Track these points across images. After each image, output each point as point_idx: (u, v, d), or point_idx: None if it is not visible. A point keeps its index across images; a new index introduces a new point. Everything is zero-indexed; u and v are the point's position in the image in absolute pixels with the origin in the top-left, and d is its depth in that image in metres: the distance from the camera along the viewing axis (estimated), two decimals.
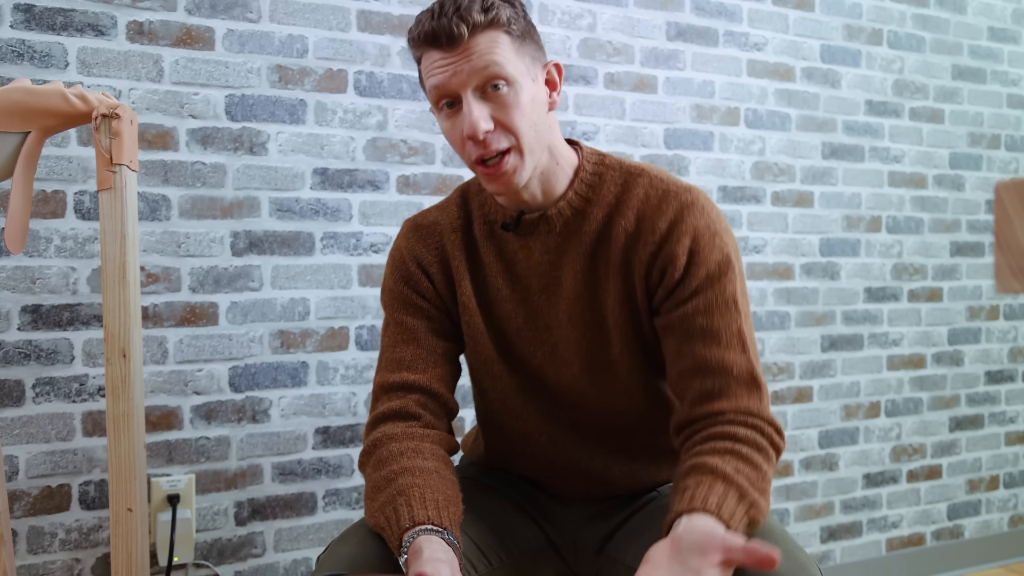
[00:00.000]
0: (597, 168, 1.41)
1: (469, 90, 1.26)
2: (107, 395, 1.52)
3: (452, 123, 1.30)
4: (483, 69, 1.25)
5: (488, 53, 1.25)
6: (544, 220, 1.38)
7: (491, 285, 1.44)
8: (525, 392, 1.46)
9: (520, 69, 1.28)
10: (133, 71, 1.98)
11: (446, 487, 1.27)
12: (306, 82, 2.14)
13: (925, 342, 2.96)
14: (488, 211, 1.44)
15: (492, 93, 1.26)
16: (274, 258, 2.11)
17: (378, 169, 2.21)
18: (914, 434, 2.94)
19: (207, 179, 2.04)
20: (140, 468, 1.54)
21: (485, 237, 1.44)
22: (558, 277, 1.40)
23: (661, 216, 1.34)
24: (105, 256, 1.50)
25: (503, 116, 1.27)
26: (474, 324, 1.45)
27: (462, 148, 1.30)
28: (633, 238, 1.35)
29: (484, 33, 1.26)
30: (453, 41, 1.24)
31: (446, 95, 1.28)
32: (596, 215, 1.38)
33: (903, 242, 2.91)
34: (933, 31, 2.96)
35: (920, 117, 2.94)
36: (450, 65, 1.25)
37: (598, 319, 1.39)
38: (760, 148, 2.68)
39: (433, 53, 1.27)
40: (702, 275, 1.31)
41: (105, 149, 1.50)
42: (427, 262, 1.46)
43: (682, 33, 2.58)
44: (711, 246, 1.32)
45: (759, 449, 1.24)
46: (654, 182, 1.37)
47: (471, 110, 1.25)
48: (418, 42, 1.28)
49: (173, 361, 2.03)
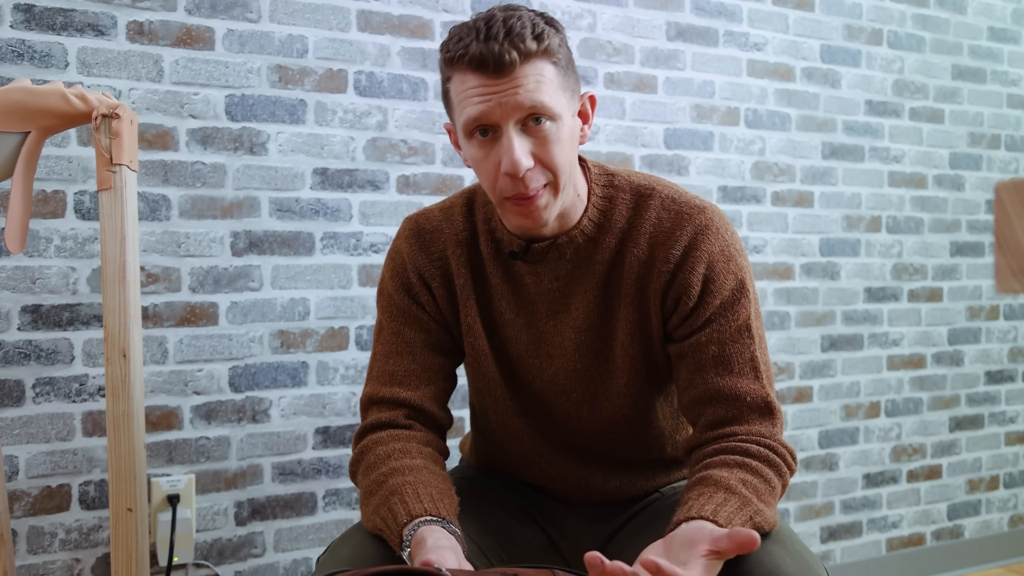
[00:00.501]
0: (607, 191, 1.36)
1: (511, 123, 1.19)
2: (107, 395, 1.52)
3: (485, 153, 1.22)
4: (529, 104, 1.17)
5: (536, 87, 1.18)
6: (555, 248, 1.34)
7: (495, 307, 1.41)
8: (525, 415, 1.45)
9: (562, 103, 1.22)
10: (133, 71, 1.98)
11: (438, 481, 1.26)
12: (306, 82, 2.14)
13: (925, 342, 2.96)
14: (494, 229, 1.39)
15: (533, 127, 1.20)
16: (274, 258, 2.11)
17: (378, 169, 2.21)
18: (914, 434, 2.94)
19: (207, 179, 2.04)
20: (140, 468, 1.54)
21: (492, 256, 1.39)
22: (567, 305, 1.37)
23: (675, 242, 1.30)
24: (105, 256, 1.50)
25: (543, 153, 1.21)
26: (479, 346, 1.42)
27: (494, 181, 1.23)
28: (646, 266, 1.32)
29: (532, 63, 1.18)
30: (502, 70, 1.16)
31: (483, 124, 1.20)
32: (608, 243, 1.34)
33: (903, 242, 2.91)
34: (933, 31, 2.96)
35: (920, 117, 2.94)
36: (493, 95, 1.17)
37: (606, 349, 1.37)
38: (760, 148, 2.68)
39: (473, 77, 1.18)
40: (716, 304, 1.29)
41: (105, 149, 1.50)
42: (429, 275, 1.41)
43: (682, 33, 2.58)
44: (726, 272, 1.29)
45: (770, 464, 1.23)
46: (665, 203, 1.33)
47: (513, 146, 1.18)
48: (457, 63, 1.20)
49: (173, 361, 2.03)
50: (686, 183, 2.57)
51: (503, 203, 1.25)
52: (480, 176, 1.26)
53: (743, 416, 1.27)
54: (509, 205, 1.25)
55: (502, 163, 1.20)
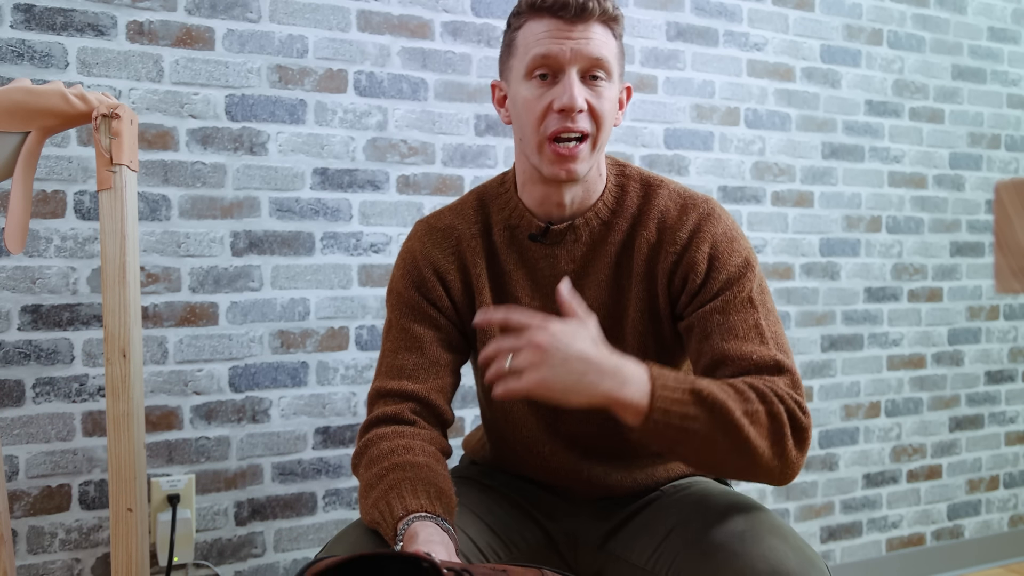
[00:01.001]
0: (620, 180, 1.44)
1: (575, 68, 1.30)
2: (107, 395, 1.52)
3: (540, 93, 1.32)
4: (596, 56, 1.30)
5: (603, 43, 1.31)
6: (572, 230, 1.41)
7: (511, 293, 1.44)
8: (529, 403, 1.47)
9: (616, 72, 1.34)
10: (133, 71, 1.98)
11: (437, 480, 1.27)
12: (306, 82, 2.14)
13: (925, 342, 2.96)
14: (511, 218, 1.44)
15: (591, 81, 1.31)
16: (274, 258, 2.11)
17: (378, 169, 2.21)
18: (914, 434, 2.94)
19: (207, 179, 2.05)
20: (140, 468, 1.55)
21: (506, 244, 1.44)
22: (581, 287, 1.42)
23: (682, 226, 1.37)
24: (105, 256, 1.50)
25: (596, 103, 1.31)
26: (491, 333, 1.44)
27: (539, 120, 1.32)
28: (655, 248, 1.38)
29: (603, 25, 1.31)
30: (581, 16, 1.28)
31: (549, 66, 1.31)
32: (621, 226, 1.41)
33: (903, 242, 2.91)
34: (933, 31, 2.96)
35: (920, 117, 2.94)
36: (567, 39, 1.29)
37: (617, 329, 1.41)
38: (760, 148, 2.69)
39: (550, 21, 1.29)
40: (723, 278, 1.33)
41: (105, 149, 1.50)
42: (444, 269, 1.45)
43: (682, 33, 2.58)
44: (730, 251, 1.35)
45: (763, 398, 1.21)
46: (672, 194, 1.41)
47: (574, 86, 1.29)
48: (539, 7, 1.30)
49: (173, 361, 2.03)
50: (686, 183, 2.57)
51: (543, 145, 1.33)
52: (526, 117, 1.34)
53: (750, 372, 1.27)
54: (551, 149, 1.32)
55: (558, 100, 1.29)
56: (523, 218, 1.42)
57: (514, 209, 1.44)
